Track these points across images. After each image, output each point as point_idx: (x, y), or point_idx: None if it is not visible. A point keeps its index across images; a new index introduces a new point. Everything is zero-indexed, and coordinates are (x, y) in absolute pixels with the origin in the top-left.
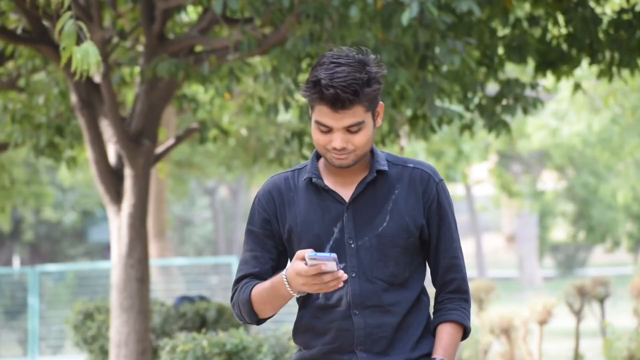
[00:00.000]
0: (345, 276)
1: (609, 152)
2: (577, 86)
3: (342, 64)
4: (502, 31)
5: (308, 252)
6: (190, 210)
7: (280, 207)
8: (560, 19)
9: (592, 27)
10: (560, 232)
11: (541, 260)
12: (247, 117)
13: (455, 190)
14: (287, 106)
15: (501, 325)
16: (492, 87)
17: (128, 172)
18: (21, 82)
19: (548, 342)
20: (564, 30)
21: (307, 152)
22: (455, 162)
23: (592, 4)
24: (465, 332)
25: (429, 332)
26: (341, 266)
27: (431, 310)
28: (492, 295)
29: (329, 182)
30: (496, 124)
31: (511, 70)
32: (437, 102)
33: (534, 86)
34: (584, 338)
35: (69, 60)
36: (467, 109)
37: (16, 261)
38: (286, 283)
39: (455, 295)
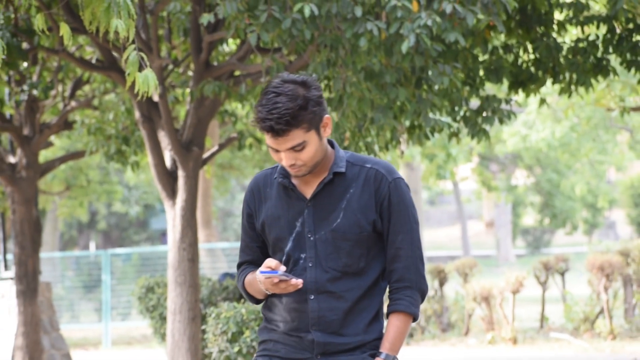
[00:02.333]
0: (300, 282)
1: (568, 154)
2: (542, 101)
3: (281, 94)
4: (482, 57)
5: (259, 270)
6: (231, 204)
7: (258, 203)
8: (529, 47)
9: (554, 53)
10: (529, 218)
11: (514, 242)
12: None
13: (445, 185)
14: None
15: (482, 294)
16: (475, 102)
17: (181, 174)
18: (95, 102)
19: (520, 307)
20: (532, 56)
21: None
22: (445, 163)
23: (554, 35)
24: (414, 318)
25: (380, 317)
26: (296, 263)
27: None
28: (475, 270)
29: (295, 181)
30: (478, 132)
31: (490, 88)
32: (430, 115)
33: (508, 101)
34: (549, 304)
35: (133, 83)
36: (454, 120)
37: (92, 246)
38: (259, 283)
39: (399, 284)
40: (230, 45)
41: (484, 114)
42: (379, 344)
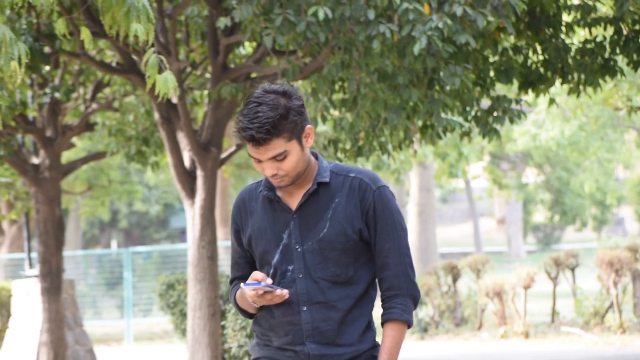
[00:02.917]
0: (285, 293)
1: (577, 152)
2: (552, 101)
3: (262, 103)
4: (492, 58)
5: (243, 283)
6: None
7: (244, 218)
8: (538, 48)
9: (563, 54)
10: (539, 215)
11: (525, 238)
12: None
13: (457, 183)
14: (324, 119)
15: (494, 289)
16: (485, 102)
17: (199, 173)
18: (116, 104)
19: (531, 302)
20: (541, 57)
21: (341, 155)
22: (457, 162)
23: (563, 36)
24: (409, 325)
25: (372, 326)
26: (284, 275)
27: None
28: (487, 266)
29: (280, 193)
30: (489, 131)
31: (500, 88)
32: (442, 115)
33: (518, 101)
34: (559, 298)
35: (153, 85)
36: (466, 119)
37: (114, 244)
38: (246, 296)
39: (390, 292)
40: (247, 48)
41: (495, 114)
42: (373, 353)
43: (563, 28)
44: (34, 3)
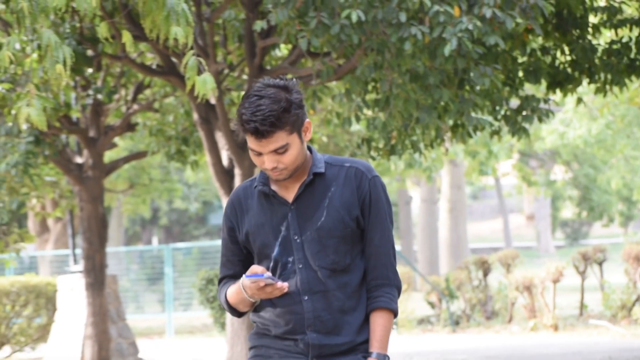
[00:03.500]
0: (285, 286)
1: (604, 150)
2: (579, 100)
3: (263, 97)
4: (521, 59)
5: (245, 275)
6: None
7: (240, 215)
8: (566, 49)
9: (590, 54)
10: (568, 211)
11: (554, 234)
12: (327, 127)
13: (487, 181)
14: (357, 119)
15: (524, 283)
16: (514, 102)
17: (237, 172)
18: (156, 105)
19: (560, 296)
20: (568, 58)
21: (374, 154)
22: (487, 160)
23: (589, 37)
24: (395, 314)
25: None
26: (285, 267)
27: None
28: (516, 261)
29: (275, 187)
30: (518, 130)
31: (528, 88)
32: (473, 114)
33: (546, 100)
34: (587, 292)
35: (192, 87)
36: (496, 118)
37: (155, 240)
38: (243, 291)
39: (377, 281)
40: (282, 50)
41: (524, 113)
42: (367, 346)
43: (590, 29)
44: (77, 8)
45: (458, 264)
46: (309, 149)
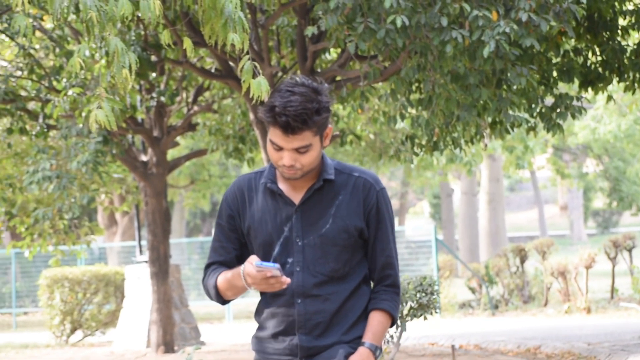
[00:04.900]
0: (288, 280)
1: (632, 144)
2: (609, 98)
3: (296, 93)
4: (555, 59)
5: (255, 261)
6: None
7: (242, 206)
8: (597, 50)
9: (619, 55)
10: (599, 202)
11: (586, 223)
12: (373, 125)
13: (523, 174)
14: (402, 117)
15: (558, 269)
16: (549, 100)
17: None
18: (215, 106)
19: (592, 281)
20: (599, 58)
21: (417, 150)
22: (523, 154)
23: (619, 39)
24: (393, 322)
25: (365, 318)
26: (283, 267)
27: None
28: (551, 249)
29: (282, 186)
30: (552, 126)
31: (562, 87)
32: (510, 112)
33: (578, 98)
34: (618, 277)
35: (248, 89)
36: (531, 116)
37: (214, 232)
38: (242, 278)
39: (390, 288)
40: (332, 54)
41: (558, 110)
42: (359, 341)
43: (619, 31)
44: (142, 17)
45: (497, 252)
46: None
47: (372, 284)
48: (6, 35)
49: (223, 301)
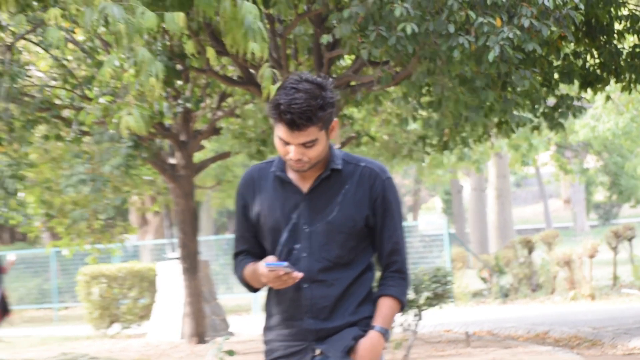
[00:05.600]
0: (300, 275)
1: (630, 140)
2: (607, 97)
3: (300, 90)
4: (556, 62)
5: (265, 263)
6: None
7: (253, 194)
8: (595, 53)
9: (616, 57)
10: (600, 195)
11: (588, 215)
12: (387, 127)
13: (528, 170)
14: (414, 119)
15: (564, 259)
16: (551, 100)
17: None
18: (238, 111)
19: (595, 269)
20: (597, 61)
21: (429, 149)
22: (528, 152)
23: (615, 42)
24: (402, 306)
25: (370, 300)
26: (290, 253)
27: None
28: (557, 240)
29: (291, 175)
30: (555, 125)
31: (563, 88)
32: (515, 112)
33: (579, 98)
34: (619, 265)
35: (268, 94)
36: (535, 115)
37: None
38: (261, 275)
39: (396, 274)
40: (347, 60)
41: (560, 110)
42: (369, 322)
43: (615, 35)
44: (167, 28)
45: (505, 244)
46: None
47: (381, 269)
48: (41, 47)
49: (253, 290)
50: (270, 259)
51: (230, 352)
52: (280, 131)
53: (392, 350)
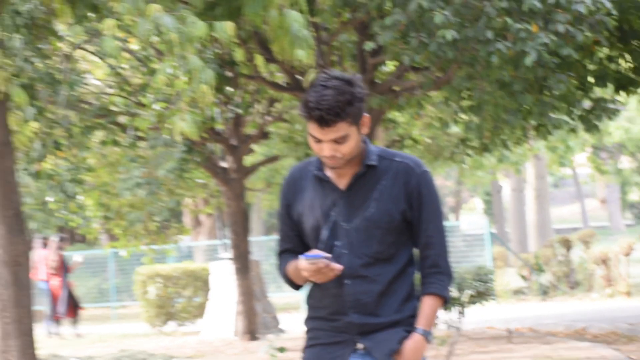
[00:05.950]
0: (340, 267)
1: None
2: None
3: (329, 87)
4: (590, 66)
5: (303, 256)
6: None
7: (294, 194)
8: (628, 57)
9: None
10: (635, 195)
11: (623, 214)
12: (429, 130)
13: (565, 171)
14: (455, 122)
15: (601, 257)
16: (587, 103)
17: None
18: (286, 116)
19: (632, 267)
20: (630, 64)
21: (470, 152)
22: (565, 153)
23: None
24: (445, 300)
25: (413, 297)
26: (331, 250)
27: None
28: (594, 239)
29: (329, 173)
30: (590, 127)
31: (598, 91)
32: (552, 115)
33: (613, 101)
34: None
35: None
36: (571, 118)
37: None
38: (301, 269)
39: (432, 269)
40: (389, 66)
41: (595, 112)
42: (412, 321)
43: None
44: (217, 36)
45: (544, 243)
46: (364, 140)
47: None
48: (97, 56)
49: (297, 287)
50: (314, 252)
51: (281, 349)
52: (311, 129)
53: (437, 347)
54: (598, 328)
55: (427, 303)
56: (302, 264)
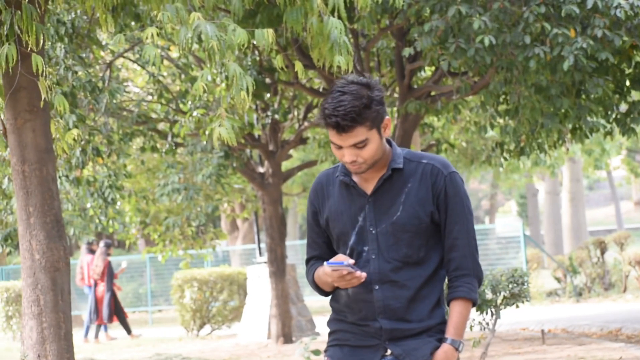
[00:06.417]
0: (364, 275)
1: None
2: None
3: (346, 92)
4: (628, 70)
5: (326, 263)
6: None
7: (321, 200)
8: None
9: None
10: None
11: None
12: (465, 134)
13: (601, 174)
14: (491, 126)
15: (635, 259)
16: (623, 107)
17: None
18: None
19: None
20: None
21: (506, 155)
22: (601, 156)
23: None
24: (473, 302)
25: (442, 303)
26: (359, 255)
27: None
28: (628, 240)
29: (356, 178)
30: (627, 130)
31: (635, 95)
32: (588, 119)
33: None
34: None
35: None
36: (608, 121)
37: None
38: (327, 275)
39: (457, 272)
40: (427, 71)
41: (632, 116)
42: (442, 328)
43: None
44: (257, 44)
45: (579, 245)
46: (389, 143)
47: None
48: (138, 64)
49: (326, 294)
50: (340, 257)
51: (316, 352)
52: (331, 135)
53: (471, 348)
54: (632, 329)
55: (455, 310)
56: (326, 269)
